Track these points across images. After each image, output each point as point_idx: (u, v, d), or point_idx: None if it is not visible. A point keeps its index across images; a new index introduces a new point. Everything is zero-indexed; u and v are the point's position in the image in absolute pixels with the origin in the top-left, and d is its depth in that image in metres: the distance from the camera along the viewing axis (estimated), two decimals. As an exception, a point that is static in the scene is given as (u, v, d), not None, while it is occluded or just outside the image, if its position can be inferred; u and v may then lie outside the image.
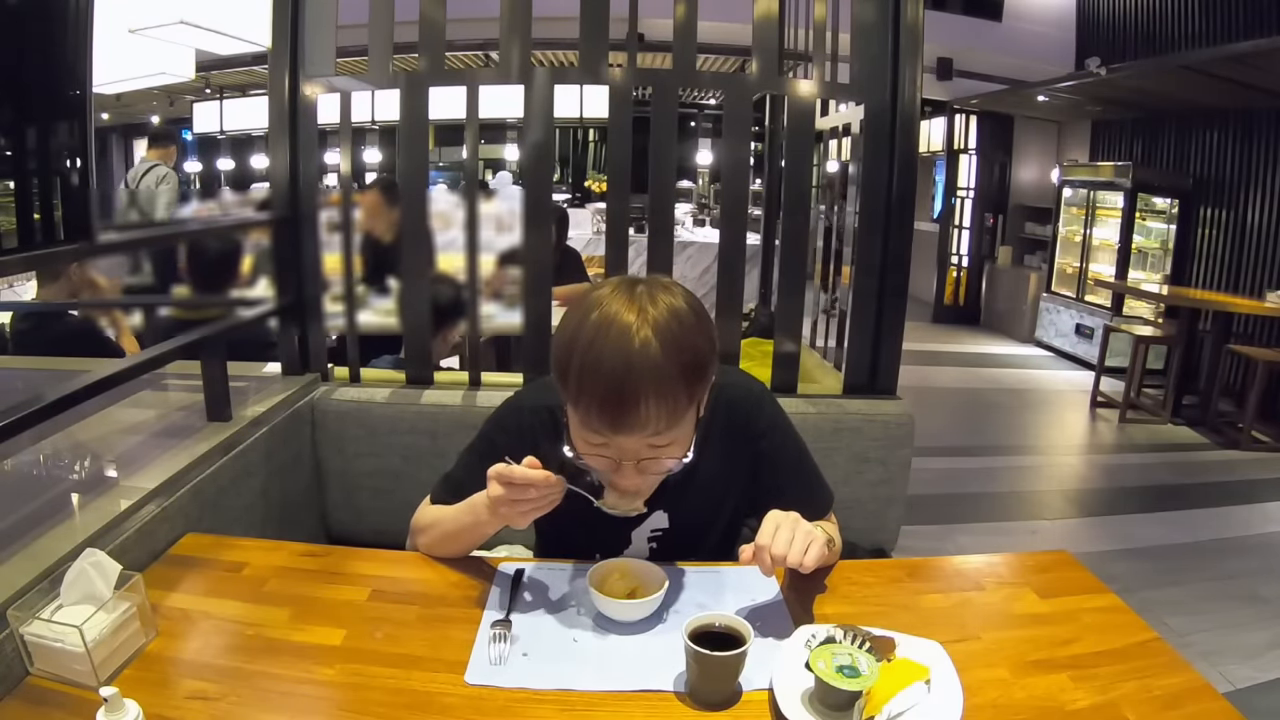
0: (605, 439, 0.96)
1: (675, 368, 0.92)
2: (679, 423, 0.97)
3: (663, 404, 0.92)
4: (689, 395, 0.95)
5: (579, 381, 0.93)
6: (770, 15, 1.66)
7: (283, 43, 1.65)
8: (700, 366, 0.96)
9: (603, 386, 0.91)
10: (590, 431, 0.97)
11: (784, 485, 1.18)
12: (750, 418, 1.18)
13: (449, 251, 1.88)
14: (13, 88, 1.08)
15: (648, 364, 0.90)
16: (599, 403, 0.92)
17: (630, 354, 0.90)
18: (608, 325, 0.92)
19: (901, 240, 1.69)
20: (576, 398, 0.94)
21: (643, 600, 1.00)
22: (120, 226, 2.17)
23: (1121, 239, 6.06)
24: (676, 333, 0.93)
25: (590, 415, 0.93)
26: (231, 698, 0.85)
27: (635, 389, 0.90)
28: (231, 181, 10.81)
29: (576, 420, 0.98)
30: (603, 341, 0.91)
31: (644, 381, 0.90)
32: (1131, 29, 6.22)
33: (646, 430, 0.94)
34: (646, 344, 0.91)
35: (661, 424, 0.94)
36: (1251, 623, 2.58)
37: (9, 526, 1.07)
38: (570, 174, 11.44)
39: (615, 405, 0.91)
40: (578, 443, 1.00)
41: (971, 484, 3.81)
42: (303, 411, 1.65)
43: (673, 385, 0.92)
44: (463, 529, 1.11)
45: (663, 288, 0.98)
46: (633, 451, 0.98)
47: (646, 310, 0.93)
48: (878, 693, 0.81)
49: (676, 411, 0.94)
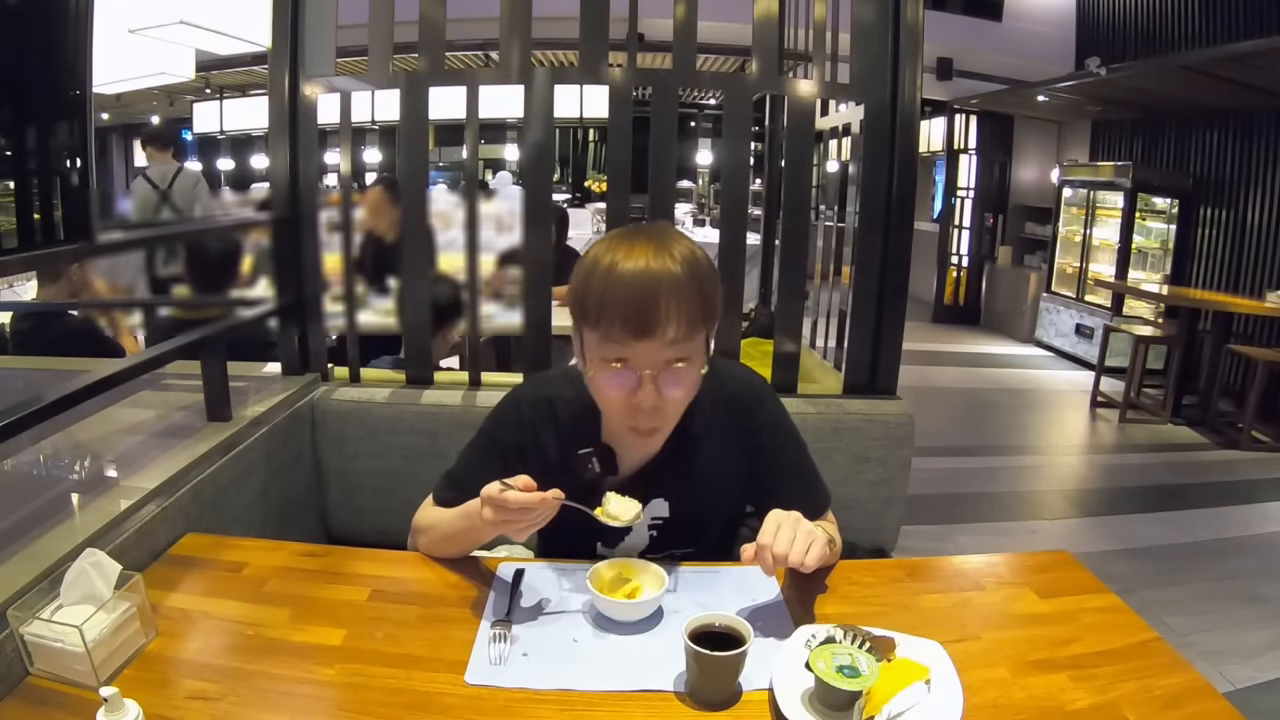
0: (626, 350, 1.00)
1: (693, 284, 0.99)
2: (694, 337, 1.02)
3: (682, 310, 0.98)
4: (703, 313, 1.01)
5: (601, 297, 0.98)
6: (770, 15, 1.66)
7: (283, 43, 1.65)
8: (713, 293, 1.03)
9: (626, 294, 0.97)
10: (611, 344, 1.00)
11: (783, 480, 1.19)
12: (751, 410, 1.19)
13: (449, 251, 1.88)
14: (13, 88, 1.08)
15: (667, 275, 0.98)
16: (621, 309, 0.97)
17: (651, 267, 0.98)
18: (629, 250, 1.00)
19: (901, 240, 1.69)
20: (599, 314, 0.99)
21: (643, 600, 1.00)
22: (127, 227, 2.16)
23: (1121, 239, 6.06)
24: (692, 261, 1.01)
25: (613, 325, 0.98)
26: (231, 698, 0.85)
27: (657, 294, 0.97)
28: (231, 181, 10.81)
29: (597, 339, 1.01)
30: (625, 261, 0.99)
31: (664, 289, 0.97)
32: (1131, 29, 6.22)
33: (668, 334, 0.98)
34: (666, 264, 0.98)
35: (680, 330, 0.99)
36: (1251, 623, 2.58)
37: (9, 526, 1.07)
38: (570, 174, 11.44)
39: (637, 311, 0.97)
40: (597, 366, 1.03)
41: (971, 484, 3.81)
42: (303, 411, 1.65)
43: (690, 297, 0.99)
44: (459, 534, 1.11)
45: (674, 231, 1.06)
46: (651, 361, 1.00)
47: (664, 242, 1.01)
48: (878, 693, 0.81)
49: (693, 323, 1.00)
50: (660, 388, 1.02)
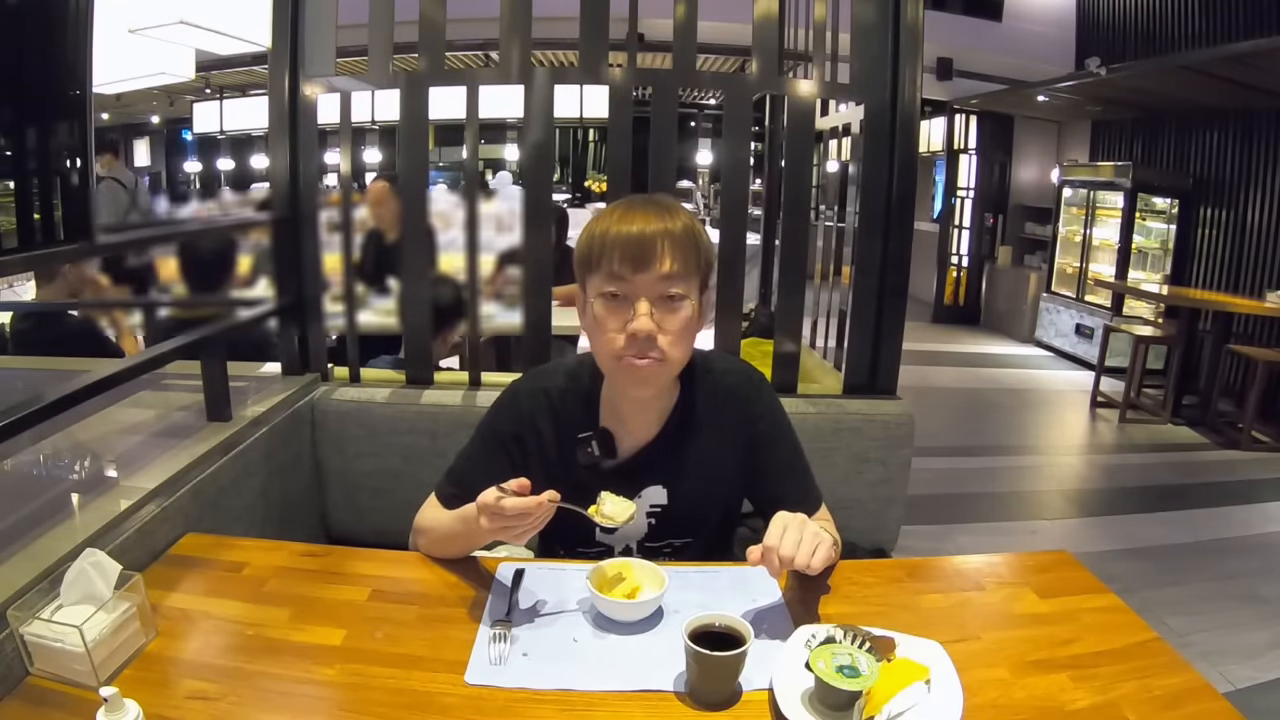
0: (624, 284, 1.05)
1: (688, 236, 1.07)
2: (689, 276, 1.08)
3: (677, 249, 1.05)
4: (697, 259, 1.08)
5: (603, 239, 1.06)
6: (770, 15, 1.66)
7: (283, 43, 1.65)
8: (708, 248, 1.11)
9: (625, 235, 1.05)
10: (610, 278, 1.06)
11: (779, 472, 1.20)
12: (748, 400, 1.21)
13: (449, 251, 1.88)
14: (13, 88, 1.08)
15: (664, 225, 1.06)
16: (622, 245, 1.05)
17: (650, 219, 1.07)
18: (629, 208, 1.09)
19: (901, 240, 1.69)
20: (600, 254, 1.06)
21: (643, 600, 1.00)
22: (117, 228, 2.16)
23: (1121, 239, 6.06)
24: (688, 222, 1.09)
25: (613, 260, 1.05)
26: (231, 698, 0.85)
27: (654, 236, 1.05)
28: (231, 181, 10.82)
29: (598, 280, 1.08)
30: (626, 215, 1.08)
31: (661, 233, 1.05)
32: (1131, 29, 6.22)
33: (664, 266, 1.05)
34: (664, 217, 1.07)
35: (677, 265, 1.05)
36: (1251, 623, 2.58)
37: (9, 526, 1.07)
38: (570, 174, 11.44)
39: (637, 245, 1.05)
40: (597, 305, 1.08)
41: (971, 484, 3.81)
42: (303, 411, 1.65)
43: (685, 243, 1.07)
44: (457, 537, 1.12)
45: (674, 201, 1.14)
46: (649, 289, 1.05)
47: (664, 203, 1.10)
48: (878, 693, 0.81)
49: (688, 262, 1.07)
50: (656, 318, 1.06)
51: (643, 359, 1.06)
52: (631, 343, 1.06)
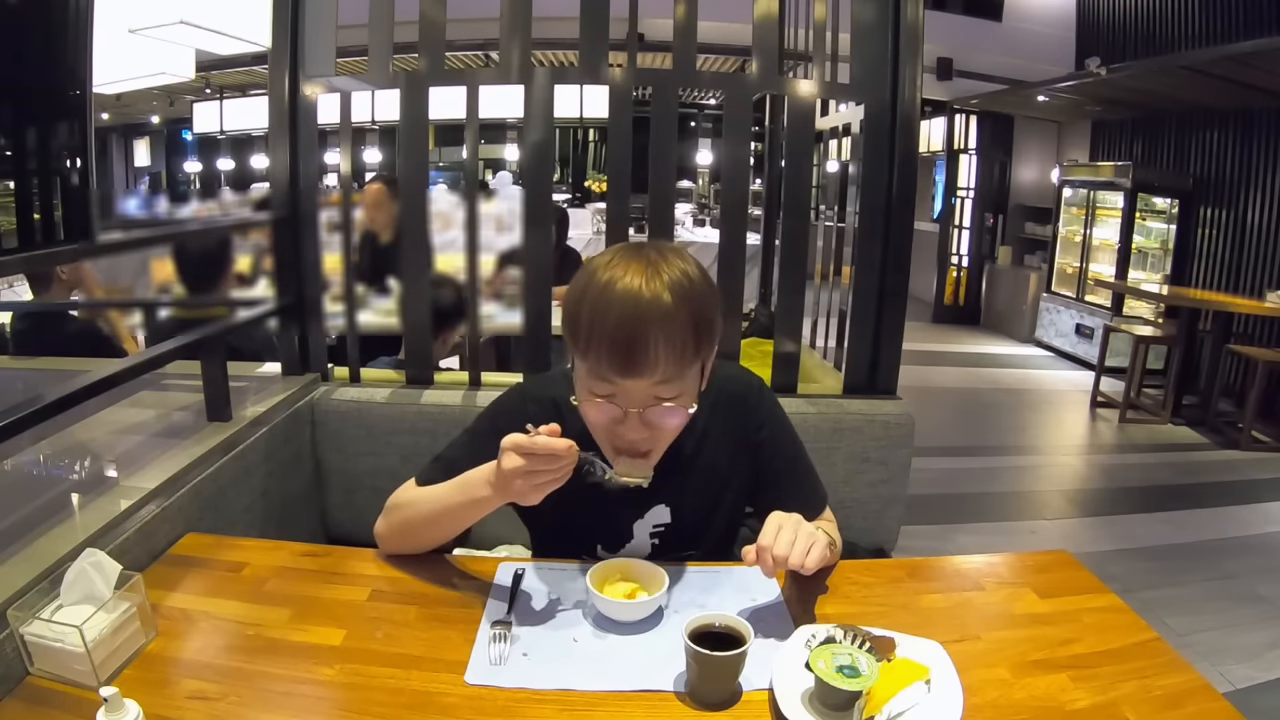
0: (613, 386, 0.97)
1: (684, 316, 0.94)
2: (685, 373, 0.98)
3: (671, 348, 0.94)
4: (695, 346, 0.97)
5: (589, 327, 0.95)
6: (770, 15, 1.66)
7: (283, 43, 1.65)
8: (708, 322, 0.98)
9: (612, 328, 0.93)
10: (598, 379, 0.98)
11: (782, 479, 1.19)
12: (750, 410, 1.19)
13: (449, 252, 1.88)
14: (13, 88, 1.08)
15: (657, 309, 0.93)
16: (609, 345, 0.94)
17: (641, 300, 0.93)
18: (619, 276, 0.95)
19: (901, 240, 1.69)
20: (586, 345, 0.96)
21: (643, 600, 1.00)
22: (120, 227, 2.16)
23: (1121, 239, 6.06)
24: (686, 288, 0.96)
25: (600, 360, 0.95)
26: (231, 698, 0.85)
27: (644, 330, 0.93)
28: (231, 181, 10.82)
29: (585, 371, 0.99)
30: (613, 290, 0.94)
31: (653, 324, 0.93)
32: (1131, 29, 6.22)
33: (655, 374, 0.95)
34: (657, 293, 0.93)
35: (670, 369, 0.95)
36: (1251, 623, 2.58)
37: (9, 526, 1.07)
38: (570, 174, 11.44)
39: (625, 347, 0.93)
40: (584, 397, 1.01)
41: (971, 484, 3.81)
42: (303, 411, 1.65)
43: (680, 332, 0.94)
44: (451, 508, 1.06)
45: (671, 251, 1.00)
46: (639, 398, 0.98)
47: (658, 266, 0.96)
48: (878, 693, 0.81)
49: (683, 360, 0.96)
50: (648, 421, 1.00)
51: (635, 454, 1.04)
52: (620, 442, 1.03)
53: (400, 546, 1.14)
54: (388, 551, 1.15)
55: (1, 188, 1.08)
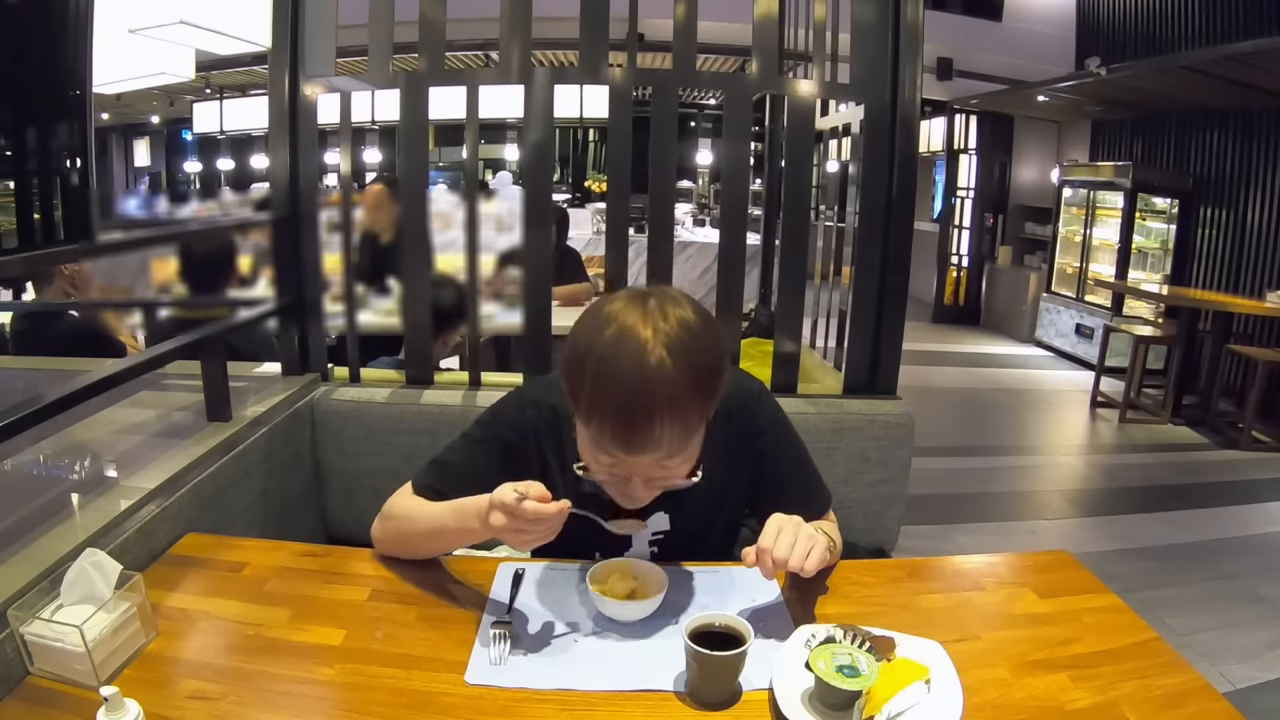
0: (616, 459, 0.96)
1: (689, 387, 0.91)
2: (690, 442, 0.98)
3: (676, 424, 0.92)
4: (700, 413, 0.96)
5: (591, 400, 0.92)
6: (770, 15, 1.66)
7: (283, 43, 1.65)
8: (713, 381, 0.96)
9: (615, 406, 0.91)
10: (601, 451, 0.97)
11: (784, 483, 1.19)
12: (750, 416, 1.19)
13: (449, 252, 1.88)
14: (13, 88, 1.08)
15: (662, 384, 0.89)
16: (611, 424, 0.92)
17: (645, 372, 0.89)
18: (620, 340, 0.91)
19: (901, 240, 1.69)
20: (588, 416, 0.94)
21: (643, 601, 1.00)
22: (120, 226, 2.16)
23: (1121, 239, 6.06)
24: (689, 347, 0.92)
25: (603, 436, 0.94)
26: (231, 698, 0.85)
27: (649, 411, 0.90)
28: (231, 181, 10.82)
29: (588, 438, 0.98)
30: (616, 359, 0.90)
31: (658, 403, 0.90)
32: (1131, 29, 6.22)
33: (659, 452, 0.94)
34: (661, 363, 0.90)
35: (675, 445, 0.95)
36: (1251, 623, 2.58)
37: (9, 526, 1.07)
38: (570, 174, 11.44)
39: (628, 428, 0.91)
40: (587, 459, 1.01)
41: (971, 484, 3.81)
42: (303, 411, 1.65)
43: (686, 405, 0.92)
44: (443, 532, 1.06)
45: (671, 300, 0.96)
46: (644, 470, 0.99)
47: (659, 326, 0.92)
48: (878, 693, 0.81)
49: (689, 431, 0.95)
50: (651, 487, 1.02)
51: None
52: (625, 497, 1.04)
53: (394, 553, 1.15)
54: (381, 554, 1.15)
55: (1, 188, 1.08)
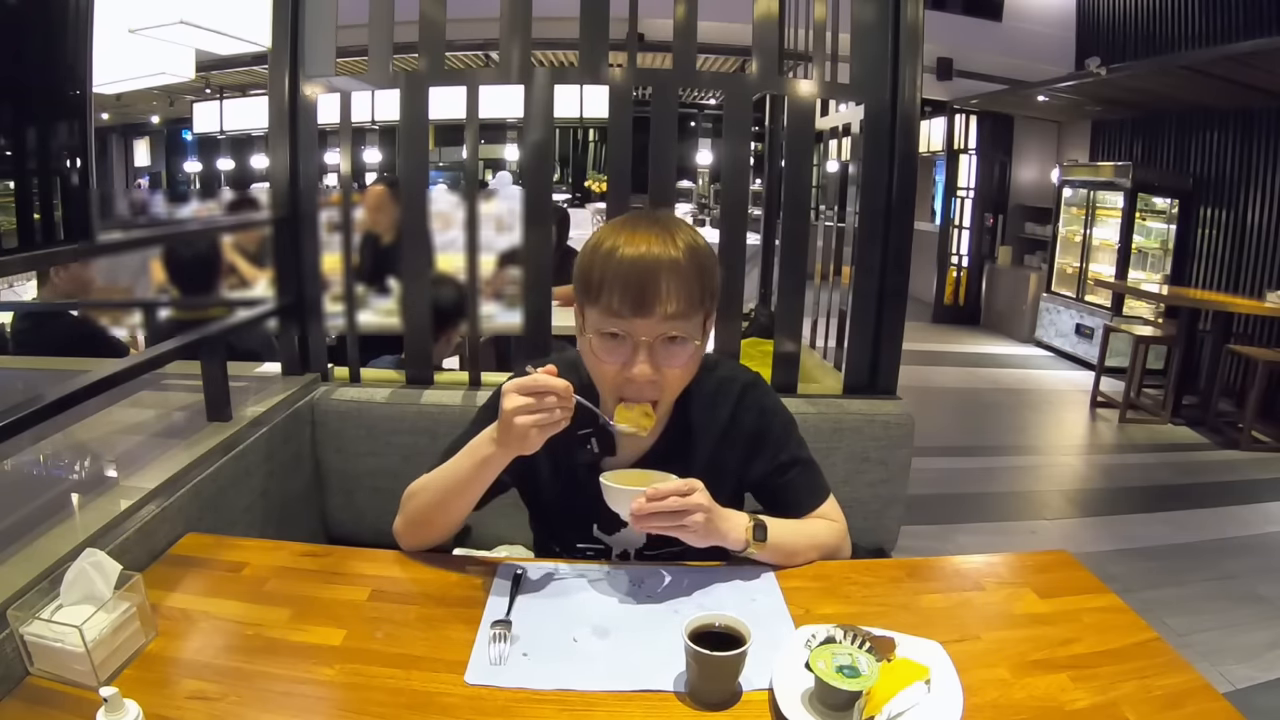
0: (624, 324, 1.03)
1: (692, 268, 1.03)
2: (691, 316, 1.05)
3: (680, 287, 1.02)
4: (700, 294, 1.05)
5: (604, 271, 1.03)
6: (770, 15, 1.66)
7: (283, 43, 1.65)
8: (712, 278, 1.08)
9: (627, 269, 1.02)
10: (610, 317, 1.03)
11: (782, 470, 1.20)
12: (745, 399, 1.20)
13: (449, 251, 1.88)
14: (13, 88, 1.08)
15: (668, 256, 1.02)
16: (622, 283, 1.01)
17: (655, 248, 1.02)
18: (631, 234, 1.04)
19: (901, 240, 1.69)
20: (600, 287, 1.03)
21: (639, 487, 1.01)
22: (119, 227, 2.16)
23: (1121, 239, 6.07)
24: (693, 247, 1.05)
25: (613, 298, 1.02)
26: (231, 698, 0.85)
27: (656, 272, 1.01)
28: (231, 181, 10.83)
29: (597, 312, 1.05)
30: (629, 240, 1.03)
31: (663, 267, 1.02)
32: (1131, 29, 6.22)
33: (665, 309, 1.02)
34: (668, 244, 1.03)
35: (679, 306, 1.03)
36: (1251, 623, 2.58)
37: (9, 526, 1.07)
38: (570, 174, 11.45)
39: (638, 287, 1.01)
40: (595, 340, 1.06)
41: (971, 484, 3.81)
42: (303, 411, 1.65)
43: (689, 279, 1.03)
44: (461, 476, 1.08)
45: (679, 220, 1.11)
46: (649, 332, 1.03)
47: (668, 227, 1.06)
48: (878, 693, 0.81)
49: (691, 301, 1.04)
50: (656, 361, 1.05)
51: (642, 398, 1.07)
52: (630, 384, 1.06)
53: (420, 537, 1.15)
54: (408, 547, 1.16)
55: (1, 188, 1.08)
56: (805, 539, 1.16)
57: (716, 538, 1.06)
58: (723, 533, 1.06)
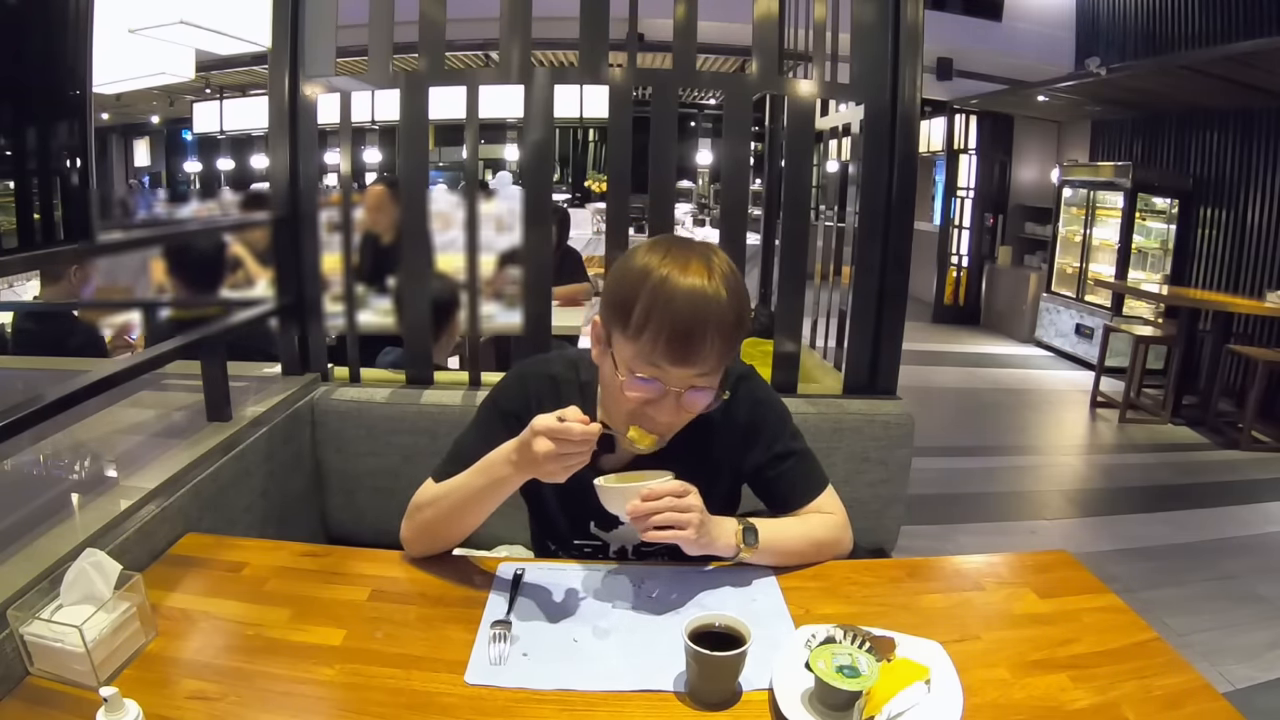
0: (661, 370, 1.01)
1: (735, 316, 1.01)
2: (721, 369, 1.05)
3: (724, 344, 1.01)
4: (736, 344, 1.05)
5: (649, 312, 0.99)
6: (770, 15, 1.66)
7: (283, 43, 1.65)
8: (746, 320, 1.06)
9: (673, 320, 0.98)
10: (648, 363, 1.01)
11: (778, 463, 1.20)
12: (738, 397, 1.20)
13: (449, 252, 1.88)
14: (13, 88, 1.08)
15: (719, 307, 0.99)
16: (668, 335, 0.98)
17: (706, 296, 0.99)
18: (683, 266, 1.00)
19: (901, 240, 1.69)
20: (642, 328, 0.99)
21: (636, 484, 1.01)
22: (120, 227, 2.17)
23: (1121, 239, 6.06)
24: (735, 286, 1.03)
25: (657, 346, 0.99)
26: (231, 698, 0.85)
27: (704, 327, 0.98)
28: (231, 181, 10.83)
29: (634, 352, 1.02)
30: (678, 280, 0.99)
31: (712, 321, 0.99)
32: (1131, 29, 6.21)
33: (704, 366, 1.01)
34: (719, 290, 0.99)
35: (715, 364, 1.02)
36: (1251, 623, 2.58)
37: (9, 526, 1.07)
38: (570, 174, 11.45)
39: (684, 340, 0.98)
40: (626, 374, 1.03)
41: (971, 484, 3.81)
42: (303, 411, 1.65)
43: (733, 330, 1.01)
44: (475, 494, 1.07)
45: (714, 248, 1.07)
46: (681, 383, 1.02)
47: (713, 261, 1.02)
48: (878, 693, 0.81)
49: (728, 354, 1.04)
50: (682, 405, 1.04)
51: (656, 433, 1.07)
52: (646, 420, 1.06)
53: (429, 546, 1.15)
54: (414, 555, 1.15)
55: (1, 188, 1.08)
56: (801, 538, 1.16)
57: (708, 545, 1.06)
58: (713, 538, 1.06)
